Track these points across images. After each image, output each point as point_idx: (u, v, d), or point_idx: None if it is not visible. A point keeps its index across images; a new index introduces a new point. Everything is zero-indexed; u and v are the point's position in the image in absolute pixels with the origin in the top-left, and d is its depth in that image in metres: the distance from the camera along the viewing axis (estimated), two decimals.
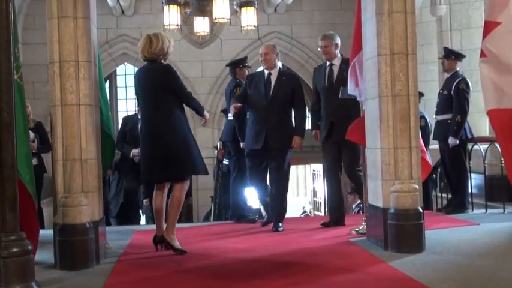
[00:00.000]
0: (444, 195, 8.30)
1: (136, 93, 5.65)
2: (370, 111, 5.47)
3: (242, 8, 8.18)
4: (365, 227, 5.86)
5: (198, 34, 8.94)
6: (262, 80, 6.58)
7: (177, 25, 8.12)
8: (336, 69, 6.56)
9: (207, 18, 8.32)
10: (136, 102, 6.23)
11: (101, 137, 5.24)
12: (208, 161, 6.97)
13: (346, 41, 6.60)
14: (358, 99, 6.04)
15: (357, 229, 6.08)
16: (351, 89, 5.97)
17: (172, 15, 8.05)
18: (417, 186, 5.14)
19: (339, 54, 6.62)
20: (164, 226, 5.39)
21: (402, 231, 5.05)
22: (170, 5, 8.01)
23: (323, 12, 13.68)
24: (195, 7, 7.99)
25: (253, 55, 13.41)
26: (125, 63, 13.98)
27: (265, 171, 6.84)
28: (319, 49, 6.76)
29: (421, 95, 6.95)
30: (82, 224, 4.81)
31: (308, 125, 7.13)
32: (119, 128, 7.72)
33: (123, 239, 6.10)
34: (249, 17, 8.21)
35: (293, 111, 6.60)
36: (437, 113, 7.68)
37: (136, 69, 13.88)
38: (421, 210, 5.13)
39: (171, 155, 5.24)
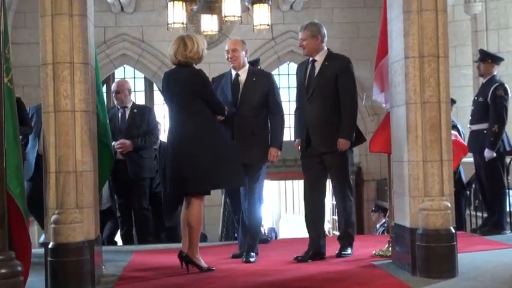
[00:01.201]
0: (479, 214, 8.26)
1: (165, 99, 5.85)
2: (396, 119, 5.48)
3: (254, 5, 8.22)
4: (390, 248, 5.85)
5: (205, 33, 8.97)
6: (228, 82, 6.20)
7: (182, 23, 8.17)
8: (318, 66, 6.06)
9: (215, 16, 8.37)
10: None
11: (97, 147, 5.28)
12: None
13: (371, 42, 6.62)
14: (383, 106, 6.05)
15: (381, 251, 6.06)
16: (375, 94, 5.98)
17: (177, 13, 8.09)
18: (449, 204, 5.13)
19: (325, 48, 6.11)
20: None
21: (432, 254, 5.03)
22: (175, 1, 8.05)
23: (344, 10, 13.73)
24: (202, 4, 8.04)
25: (266, 57, 13.51)
26: (124, 66, 14.06)
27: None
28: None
29: (453, 102, 6.96)
30: (76, 243, 4.83)
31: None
32: None
33: (121, 260, 6.13)
34: (262, 14, 8.26)
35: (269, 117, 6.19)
36: (471, 123, 7.66)
37: (136, 71, 14.05)
38: (454, 231, 5.11)
39: (186, 168, 5.41)
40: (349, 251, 6.09)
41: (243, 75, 6.18)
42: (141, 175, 7.55)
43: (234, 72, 6.22)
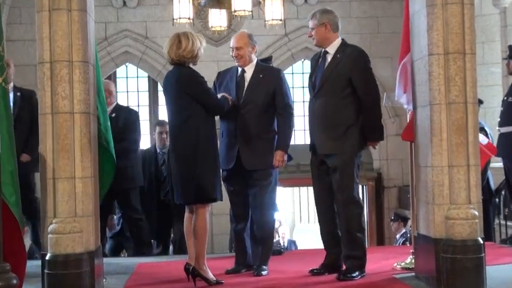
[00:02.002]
0: (509, 223, 8.23)
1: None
2: (419, 121, 5.47)
3: None
4: (413, 260, 5.83)
5: (213, 29, 9.00)
6: (233, 79, 6.13)
7: (189, 19, 8.19)
8: (329, 59, 5.85)
9: (224, 11, 8.39)
10: None
11: (98, 151, 5.30)
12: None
13: (392, 39, 6.61)
14: (405, 107, 6.04)
15: (402, 263, 6.04)
16: (398, 95, 5.94)
17: (183, 7, 8.12)
18: (476, 213, 5.12)
19: (338, 38, 5.88)
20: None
21: (458, 267, 5.01)
22: None
23: (363, 3, 13.71)
24: None
25: (279, 54, 13.51)
26: (127, 64, 14.10)
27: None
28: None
29: (480, 102, 6.92)
30: (75, 254, 4.85)
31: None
32: None
33: (123, 273, 6.14)
34: (274, 9, 8.27)
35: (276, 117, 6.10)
36: (500, 125, 7.64)
37: (139, 70, 14.10)
38: (482, 242, 5.10)
39: (186, 175, 5.48)
40: (356, 273, 5.65)
41: (249, 72, 6.11)
42: (122, 186, 7.25)
43: (239, 69, 6.16)
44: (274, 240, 7.45)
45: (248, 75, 6.10)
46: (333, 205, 5.85)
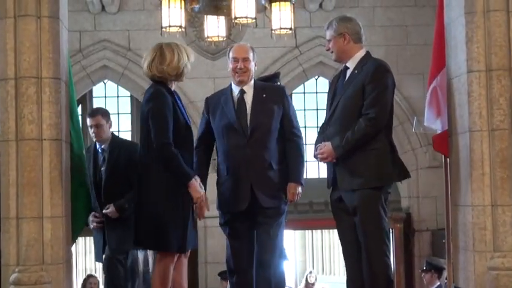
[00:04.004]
0: None
1: None
2: (456, 152, 5.48)
3: (273, 4, 8.24)
4: None
5: (209, 40, 9.02)
6: (229, 102, 6.07)
7: (180, 27, 8.20)
8: (348, 76, 5.78)
9: (223, 18, 8.41)
10: None
11: (71, 186, 5.32)
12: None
13: (423, 51, 6.63)
14: (438, 133, 6.06)
15: None
16: (429, 119, 5.96)
17: (173, 13, 8.12)
18: None
19: (361, 50, 5.78)
20: None
21: None
22: None
23: (389, 10, 13.75)
24: (206, 1, 8.07)
25: (287, 70, 13.52)
26: (105, 81, 14.13)
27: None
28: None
29: None
30: None
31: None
32: None
33: None
34: (283, 15, 8.28)
35: (285, 144, 6.08)
36: None
37: (120, 88, 14.12)
38: None
39: (142, 218, 5.51)
40: None
41: (249, 92, 6.09)
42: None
43: (236, 89, 6.11)
44: None
45: (249, 96, 6.08)
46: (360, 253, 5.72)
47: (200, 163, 6.02)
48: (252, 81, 6.18)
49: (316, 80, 14.20)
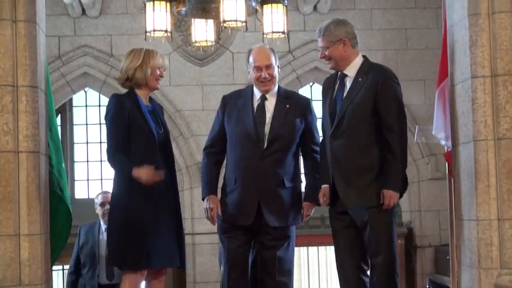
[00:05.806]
0: None
1: None
2: (460, 162, 5.49)
3: (265, 6, 8.26)
4: None
5: (197, 45, 9.03)
6: (248, 107, 5.99)
7: (166, 31, 8.21)
8: (348, 85, 5.78)
9: (211, 21, 8.43)
10: None
11: (50, 201, 5.30)
12: (213, 238, 6.84)
13: (424, 56, 6.63)
14: (442, 144, 6.07)
15: None
16: (437, 128, 5.96)
17: (158, 17, 8.12)
18: None
19: (358, 56, 5.83)
20: None
21: None
22: (155, 1, 8.09)
23: (388, 12, 13.78)
24: (193, 4, 8.08)
25: (281, 76, 13.45)
26: (86, 89, 14.11)
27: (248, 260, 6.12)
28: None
29: None
30: None
31: None
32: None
33: None
34: (275, 18, 8.29)
35: (303, 160, 6.16)
36: None
37: (102, 97, 14.10)
38: None
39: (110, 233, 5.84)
40: None
41: (271, 99, 6.01)
42: None
43: (258, 93, 6.04)
44: None
45: (271, 104, 6.00)
46: (359, 272, 5.79)
47: (210, 170, 6.07)
48: (276, 88, 6.09)
49: (311, 86, 14.19)
